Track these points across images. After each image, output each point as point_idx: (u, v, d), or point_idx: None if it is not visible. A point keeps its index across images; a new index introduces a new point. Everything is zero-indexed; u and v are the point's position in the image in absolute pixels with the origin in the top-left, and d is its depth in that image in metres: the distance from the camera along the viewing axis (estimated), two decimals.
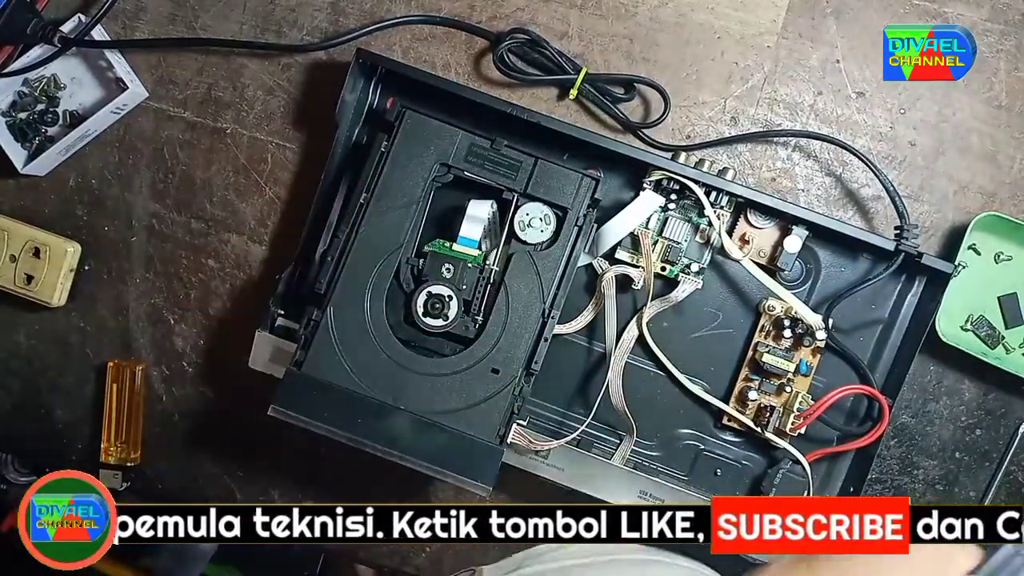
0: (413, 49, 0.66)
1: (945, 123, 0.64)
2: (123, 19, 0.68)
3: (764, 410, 0.61)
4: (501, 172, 0.58)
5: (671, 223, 0.62)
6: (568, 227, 0.57)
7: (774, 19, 0.64)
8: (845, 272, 0.63)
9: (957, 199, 0.64)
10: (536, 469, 0.61)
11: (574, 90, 0.63)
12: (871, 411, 0.62)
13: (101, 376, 0.70)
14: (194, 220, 0.69)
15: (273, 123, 0.67)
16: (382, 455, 0.54)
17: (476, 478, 0.54)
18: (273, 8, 0.67)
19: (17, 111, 0.68)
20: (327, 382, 0.55)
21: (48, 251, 0.67)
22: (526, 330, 0.56)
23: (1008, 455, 0.64)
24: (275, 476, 0.71)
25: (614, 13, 0.65)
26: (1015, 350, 0.63)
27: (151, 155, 0.69)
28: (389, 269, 0.57)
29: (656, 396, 0.64)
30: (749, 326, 0.63)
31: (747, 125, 0.65)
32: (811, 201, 0.65)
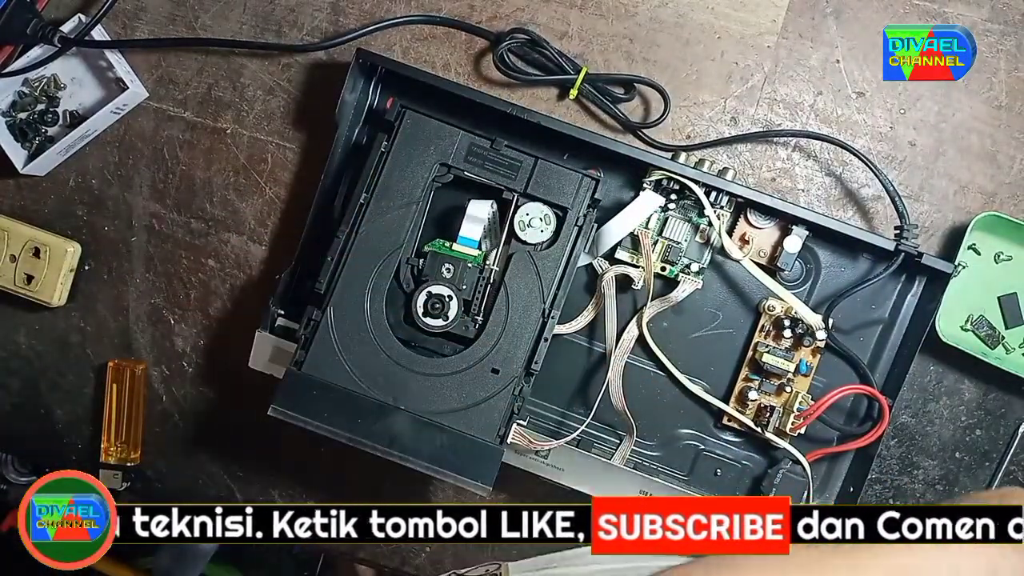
0: (413, 49, 0.66)
1: (945, 123, 0.64)
2: (123, 19, 0.68)
3: (764, 410, 0.61)
4: (501, 172, 0.58)
5: (671, 223, 0.62)
6: (568, 227, 0.57)
7: (774, 19, 0.64)
8: (845, 272, 0.63)
9: (957, 199, 0.64)
10: (536, 469, 0.61)
11: (574, 90, 0.63)
12: (871, 411, 0.62)
13: (101, 376, 0.70)
14: (194, 220, 0.69)
15: (273, 123, 0.67)
16: (382, 455, 0.54)
17: (476, 478, 0.54)
18: (273, 8, 0.67)
19: (17, 111, 0.68)
20: (327, 382, 0.55)
21: (48, 251, 0.67)
22: (526, 330, 0.56)
23: (1008, 455, 0.64)
24: (275, 476, 0.71)
25: (614, 13, 0.65)
26: (1015, 350, 0.63)
27: (151, 155, 0.69)
28: (389, 269, 0.57)
29: (656, 396, 0.64)
30: (749, 326, 0.63)
31: (747, 125, 0.65)
32: (811, 201, 0.65)
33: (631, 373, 0.63)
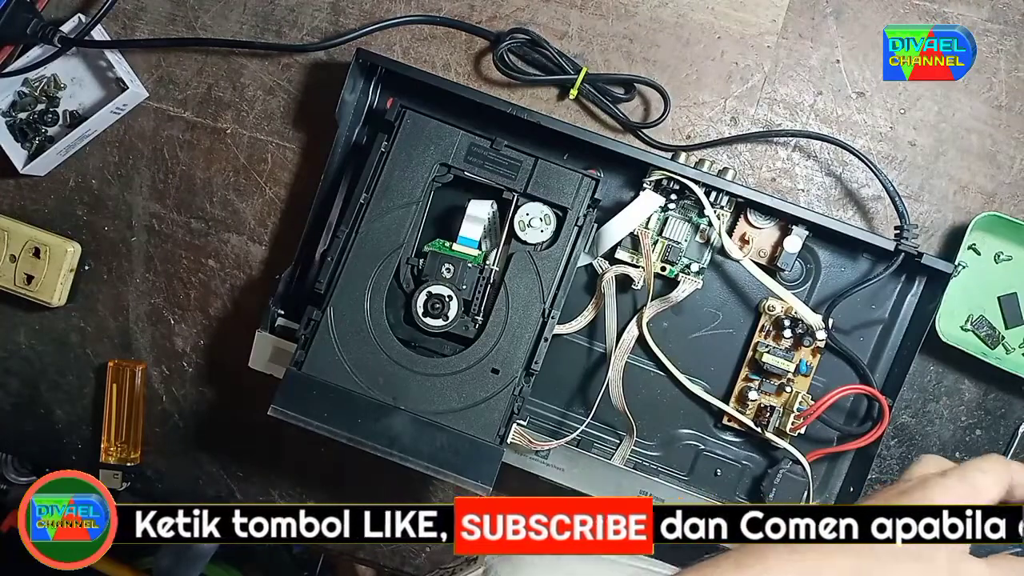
0: (413, 49, 0.66)
1: (945, 123, 0.64)
2: (123, 19, 0.68)
3: (764, 410, 0.61)
4: (501, 172, 0.58)
5: (671, 223, 0.62)
6: (568, 227, 0.57)
7: (774, 19, 0.64)
8: (845, 272, 0.63)
9: (957, 199, 0.64)
10: (536, 469, 0.61)
11: (574, 90, 0.63)
12: (871, 411, 0.62)
13: (101, 376, 0.70)
14: (194, 220, 0.69)
15: (273, 123, 0.67)
16: (382, 455, 0.54)
17: (476, 478, 0.54)
18: (273, 8, 0.67)
19: (17, 111, 0.68)
20: (327, 382, 0.55)
21: (48, 251, 0.67)
22: (526, 330, 0.56)
23: (1008, 455, 0.64)
24: (275, 476, 0.71)
25: (614, 13, 0.65)
26: (1015, 350, 0.63)
27: (151, 155, 0.69)
28: (389, 269, 0.57)
29: (656, 396, 0.64)
30: (749, 326, 0.63)
31: (747, 125, 0.65)
32: (811, 201, 0.65)
33: (631, 373, 0.63)
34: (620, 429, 0.63)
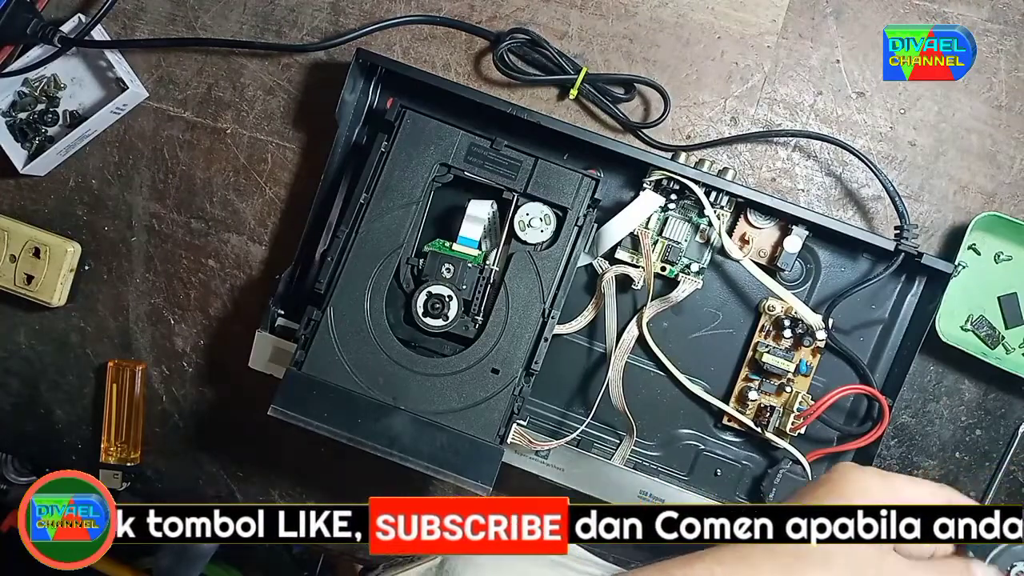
0: (413, 49, 0.66)
1: (945, 123, 0.64)
2: (123, 19, 0.68)
3: (764, 410, 0.61)
4: (501, 172, 0.58)
5: (671, 223, 0.62)
6: (568, 227, 0.57)
7: (774, 19, 0.64)
8: (845, 272, 0.63)
9: (957, 199, 0.64)
10: (536, 469, 0.61)
11: (574, 90, 0.63)
12: (871, 411, 0.62)
13: (101, 376, 0.70)
14: (194, 220, 0.69)
15: (273, 123, 0.67)
16: (382, 455, 0.54)
17: (476, 478, 0.54)
18: (273, 8, 0.67)
19: (17, 111, 0.68)
20: (327, 382, 0.55)
21: (48, 251, 0.67)
22: (526, 330, 0.56)
23: (1008, 455, 0.64)
24: (275, 476, 0.71)
25: (614, 13, 0.65)
26: (1015, 350, 0.63)
27: (151, 155, 0.69)
28: (389, 269, 0.57)
29: (656, 396, 0.64)
30: (749, 326, 0.63)
31: (747, 125, 0.65)
32: (811, 201, 0.65)
33: (631, 373, 0.63)
34: (620, 429, 0.63)
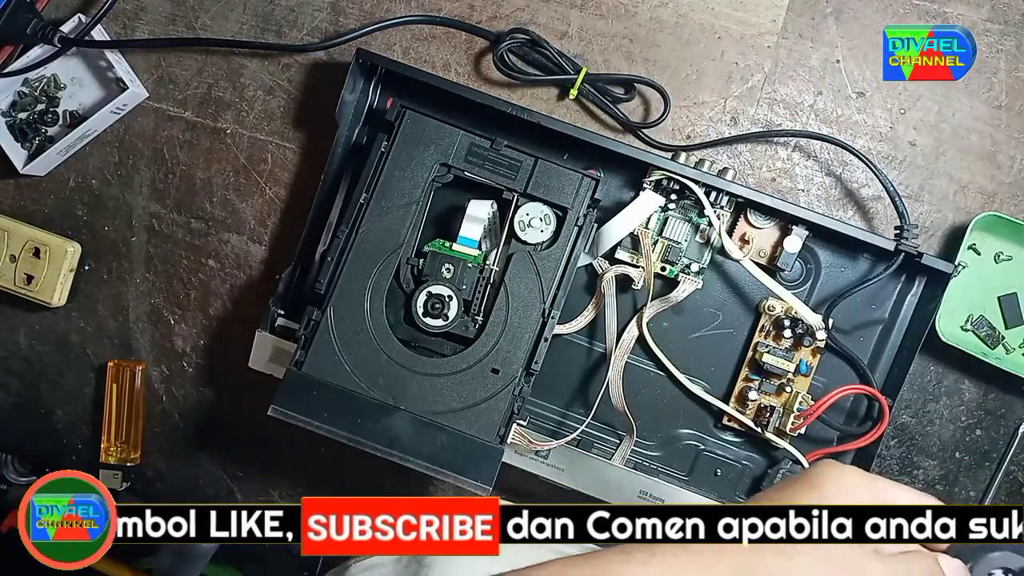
0: (413, 49, 0.66)
1: (945, 123, 0.64)
2: (123, 19, 0.68)
3: (764, 410, 0.61)
4: (501, 172, 0.58)
5: (671, 223, 0.62)
6: (568, 227, 0.57)
7: (774, 19, 0.64)
8: (845, 272, 0.63)
9: (957, 199, 0.64)
10: (536, 469, 0.61)
11: (574, 90, 0.63)
12: (871, 411, 0.62)
13: (101, 376, 0.70)
14: (194, 220, 0.69)
15: (273, 123, 0.67)
16: (382, 455, 0.54)
17: (476, 478, 0.54)
18: (273, 8, 0.67)
19: (17, 111, 0.68)
20: (327, 382, 0.55)
21: (48, 251, 0.67)
22: (526, 330, 0.56)
23: (1008, 455, 0.64)
24: (275, 476, 0.71)
25: (614, 13, 0.65)
26: (1015, 350, 0.63)
27: (151, 155, 0.69)
28: (389, 269, 0.57)
29: (656, 396, 0.64)
30: (749, 326, 0.63)
31: (747, 125, 0.65)
32: (811, 201, 0.65)
33: (631, 373, 0.63)
34: (620, 429, 0.63)
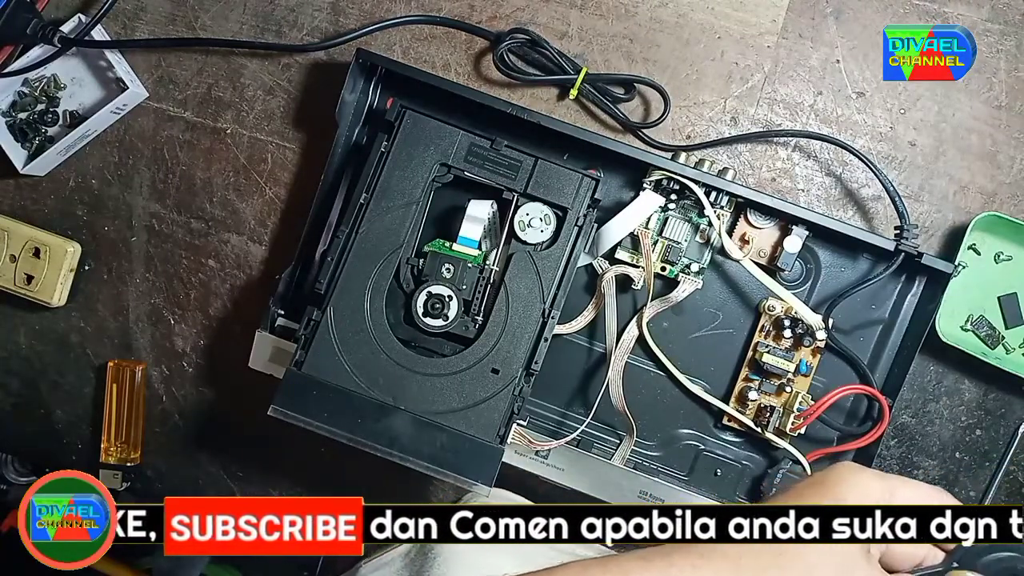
0: (413, 49, 0.66)
1: (945, 123, 0.64)
2: (123, 19, 0.68)
3: (764, 410, 0.61)
4: (501, 172, 0.58)
5: (671, 223, 0.62)
6: (568, 227, 0.57)
7: (774, 19, 0.64)
8: (845, 272, 0.63)
9: (957, 199, 0.64)
10: (536, 469, 0.61)
11: (574, 90, 0.63)
12: (871, 411, 0.62)
13: (101, 376, 0.70)
14: (194, 220, 0.69)
15: (273, 123, 0.67)
16: (382, 455, 0.54)
17: (476, 478, 0.54)
18: (273, 8, 0.67)
19: (17, 111, 0.68)
20: (327, 382, 0.55)
21: (48, 251, 0.67)
22: (526, 330, 0.56)
23: (1008, 455, 0.63)
24: (275, 476, 0.71)
25: (614, 13, 0.65)
26: (1015, 350, 0.63)
27: (151, 155, 0.69)
28: (389, 269, 0.57)
29: (656, 396, 0.64)
30: (749, 326, 0.63)
31: (747, 125, 0.65)
32: (811, 201, 0.65)
33: (631, 373, 0.63)
34: (620, 429, 0.63)
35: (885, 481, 0.38)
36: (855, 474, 0.38)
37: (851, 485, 0.38)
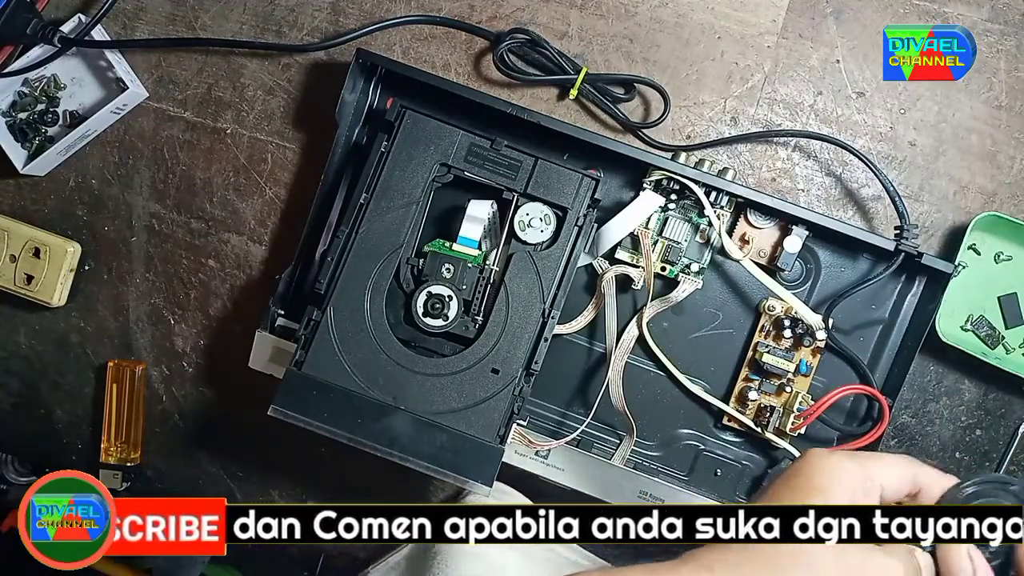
0: (413, 49, 0.66)
1: (945, 123, 0.64)
2: (123, 19, 0.68)
3: (764, 410, 0.61)
4: (501, 172, 0.58)
5: (671, 223, 0.62)
6: (568, 227, 0.57)
7: (774, 19, 0.64)
8: (845, 272, 0.63)
9: (957, 199, 0.64)
10: (536, 469, 0.61)
11: (574, 90, 0.63)
12: (871, 411, 0.62)
13: (101, 376, 0.70)
14: (194, 220, 0.69)
15: (273, 123, 0.67)
16: (382, 455, 0.54)
17: (476, 478, 0.54)
18: (273, 8, 0.67)
19: (17, 111, 0.68)
20: (327, 382, 0.55)
21: (48, 251, 0.67)
22: (526, 330, 0.56)
23: (1008, 455, 0.64)
24: (275, 476, 0.71)
25: (614, 13, 0.65)
26: (1015, 350, 0.63)
27: (151, 155, 0.69)
28: (389, 269, 0.57)
29: (656, 396, 0.64)
30: (749, 326, 0.63)
31: (747, 125, 0.65)
32: (811, 201, 0.65)
33: (631, 373, 0.63)
34: (620, 429, 0.63)
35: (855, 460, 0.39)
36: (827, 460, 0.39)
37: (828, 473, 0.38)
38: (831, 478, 0.38)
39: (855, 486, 0.38)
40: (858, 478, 0.38)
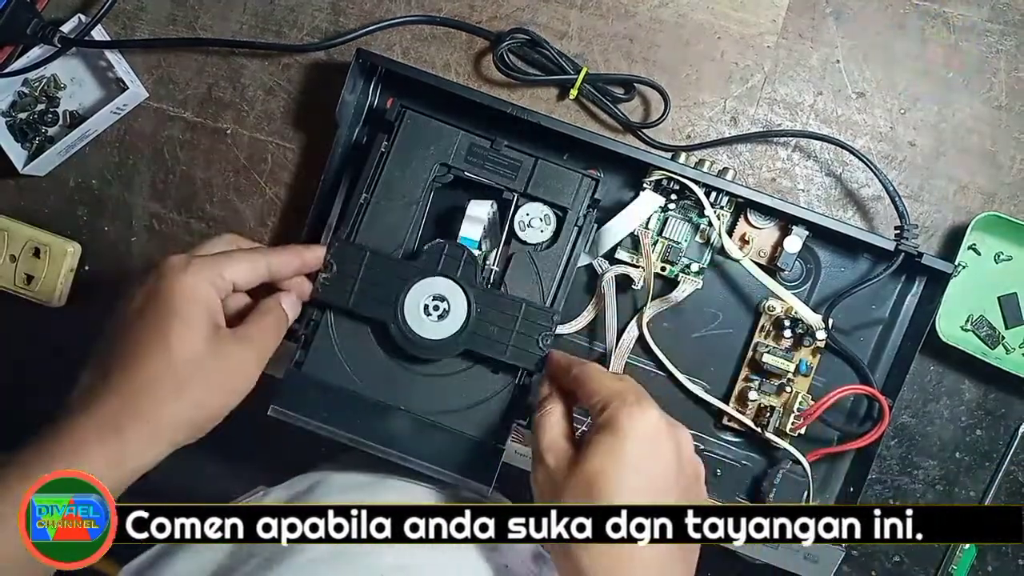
0: (413, 49, 0.66)
1: (945, 123, 0.64)
2: (123, 19, 0.68)
3: (764, 410, 0.61)
4: (501, 172, 0.58)
5: (671, 223, 0.62)
6: (568, 227, 0.57)
7: (774, 19, 0.64)
8: (845, 272, 0.63)
9: (957, 199, 0.64)
10: None
11: (574, 90, 0.63)
12: (871, 411, 0.62)
13: None
14: (194, 220, 0.69)
15: (273, 123, 0.67)
16: (382, 455, 0.54)
17: (476, 478, 0.54)
18: (273, 8, 0.67)
19: (17, 111, 0.68)
20: (327, 382, 0.55)
21: (48, 251, 0.67)
22: None
23: (1008, 455, 0.64)
24: (275, 476, 0.70)
25: (614, 13, 0.65)
26: (1015, 350, 0.63)
27: (151, 155, 0.69)
28: None
29: (656, 396, 0.63)
30: (749, 326, 0.63)
31: (747, 125, 0.65)
32: (811, 201, 0.65)
33: (631, 373, 0.63)
34: None
35: (207, 269, 0.45)
36: (181, 281, 0.44)
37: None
38: (189, 301, 0.43)
39: (211, 299, 0.44)
40: (213, 291, 0.44)
